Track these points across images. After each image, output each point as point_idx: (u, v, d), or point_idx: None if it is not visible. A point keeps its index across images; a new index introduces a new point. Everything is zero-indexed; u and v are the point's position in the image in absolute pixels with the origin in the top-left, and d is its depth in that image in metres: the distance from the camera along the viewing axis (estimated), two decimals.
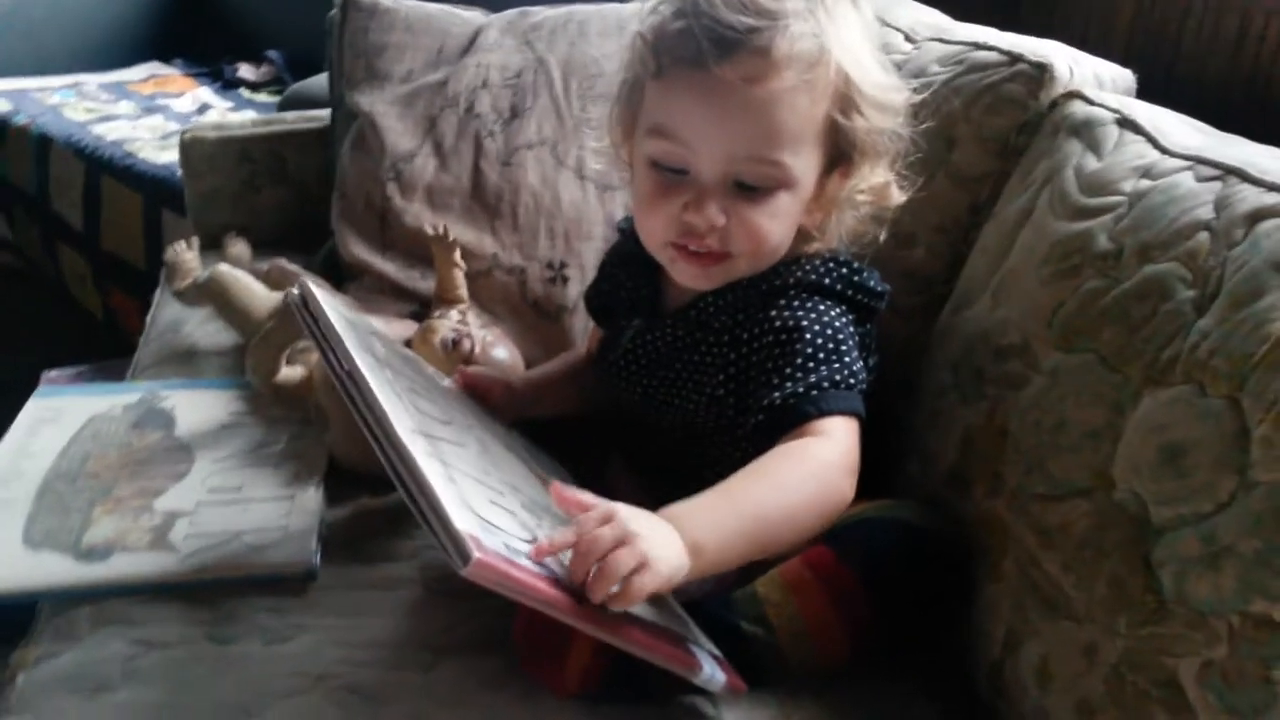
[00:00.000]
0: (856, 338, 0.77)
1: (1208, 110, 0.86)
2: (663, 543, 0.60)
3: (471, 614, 0.78)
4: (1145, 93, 0.96)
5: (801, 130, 0.72)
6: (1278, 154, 0.73)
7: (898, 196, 0.80)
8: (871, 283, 0.80)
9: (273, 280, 1.16)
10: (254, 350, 0.97)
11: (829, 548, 0.72)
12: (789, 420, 0.71)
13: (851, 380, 0.73)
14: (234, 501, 0.91)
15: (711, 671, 0.64)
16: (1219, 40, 1.10)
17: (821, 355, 0.73)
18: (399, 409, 0.64)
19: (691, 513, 0.63)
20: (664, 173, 0.75)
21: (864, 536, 0.73)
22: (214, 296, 1.11)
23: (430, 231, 1.10)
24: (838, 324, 0.75)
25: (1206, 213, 0.69)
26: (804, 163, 0.74)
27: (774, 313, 0.76)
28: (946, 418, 0.82)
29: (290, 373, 0.98)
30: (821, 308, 0.76)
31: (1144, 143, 0.79)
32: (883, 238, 0.82)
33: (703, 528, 0.63)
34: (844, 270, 0.78)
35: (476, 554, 0.53)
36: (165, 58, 2.55)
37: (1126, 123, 0.81)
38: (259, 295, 1.10)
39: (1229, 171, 0.70)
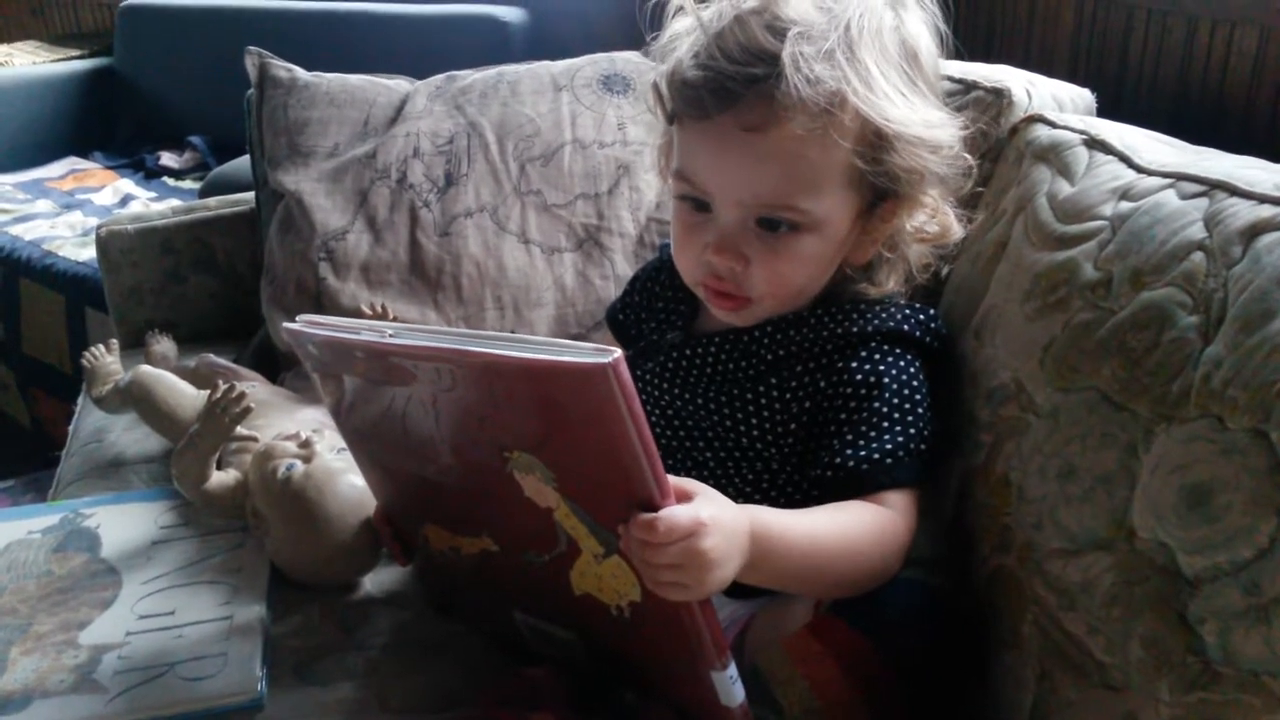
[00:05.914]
0: (928, 387, 0.75)
1: (1164, 123, 0.83)
2: (729, 556, 0.59)
3: None
4: (1098, 110, 0.93)
5: (819, 175, 0.70)
6: (1259, 164, 0.69)
7: (958, 230, 0.79)
8: (944, 330, 0.79)
9: (201, 377, 1.08)
10: (179, 457, 0.88)
11: (838, 615, 0.69)
12: (863, 487, 0.70)
13: (923, 445, 0.72)
14: (167, 628, 0.82)
15: (735, 675, 0.63)
16: (1167, 51, 1.08)
17: (897, 415, 0.71)
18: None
19: (771, 545, 0.62)
20: (691, 209, 0.75)
21: (871, 596, 0.69)
22: (136, 401, 1.02)
23: (368, 311, 1.04)
24: (916, 381, 0.74)
25: (1198, 231, 0.64)
26: (828, 205, 0.71)
27: (854, 364, 0.74)
28: (940, 467, 0.76)
29: (222, 478, 0.90)
30: (903, 362, 0.74)
31: (1117, 162, 0.74)
32: (945, 272, 0.82)
33: (773, 561, 0.62)
34: (921, 316, 0.77)
35: (618, 351, 0.51)
36: (84, 152, 2.47)
37: (1095, 143, 0.77)
38: (186, 395, 1.02)
39: (1214, 186, 0.66)
